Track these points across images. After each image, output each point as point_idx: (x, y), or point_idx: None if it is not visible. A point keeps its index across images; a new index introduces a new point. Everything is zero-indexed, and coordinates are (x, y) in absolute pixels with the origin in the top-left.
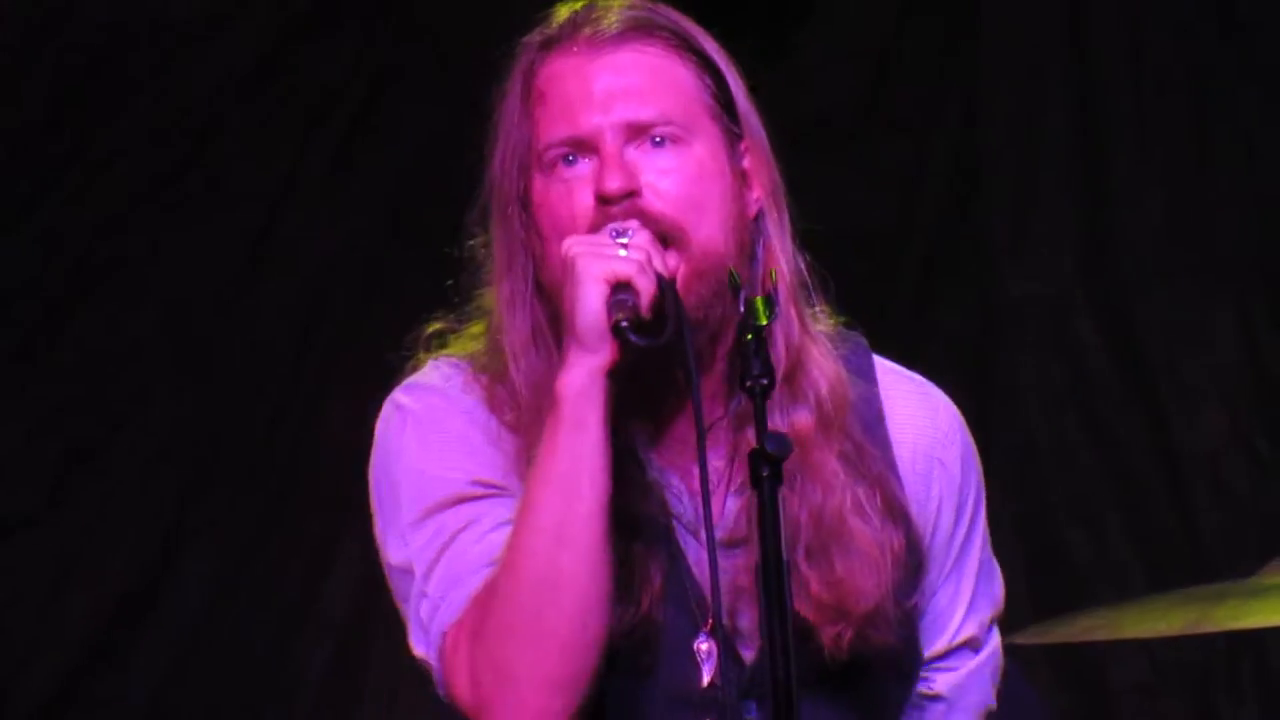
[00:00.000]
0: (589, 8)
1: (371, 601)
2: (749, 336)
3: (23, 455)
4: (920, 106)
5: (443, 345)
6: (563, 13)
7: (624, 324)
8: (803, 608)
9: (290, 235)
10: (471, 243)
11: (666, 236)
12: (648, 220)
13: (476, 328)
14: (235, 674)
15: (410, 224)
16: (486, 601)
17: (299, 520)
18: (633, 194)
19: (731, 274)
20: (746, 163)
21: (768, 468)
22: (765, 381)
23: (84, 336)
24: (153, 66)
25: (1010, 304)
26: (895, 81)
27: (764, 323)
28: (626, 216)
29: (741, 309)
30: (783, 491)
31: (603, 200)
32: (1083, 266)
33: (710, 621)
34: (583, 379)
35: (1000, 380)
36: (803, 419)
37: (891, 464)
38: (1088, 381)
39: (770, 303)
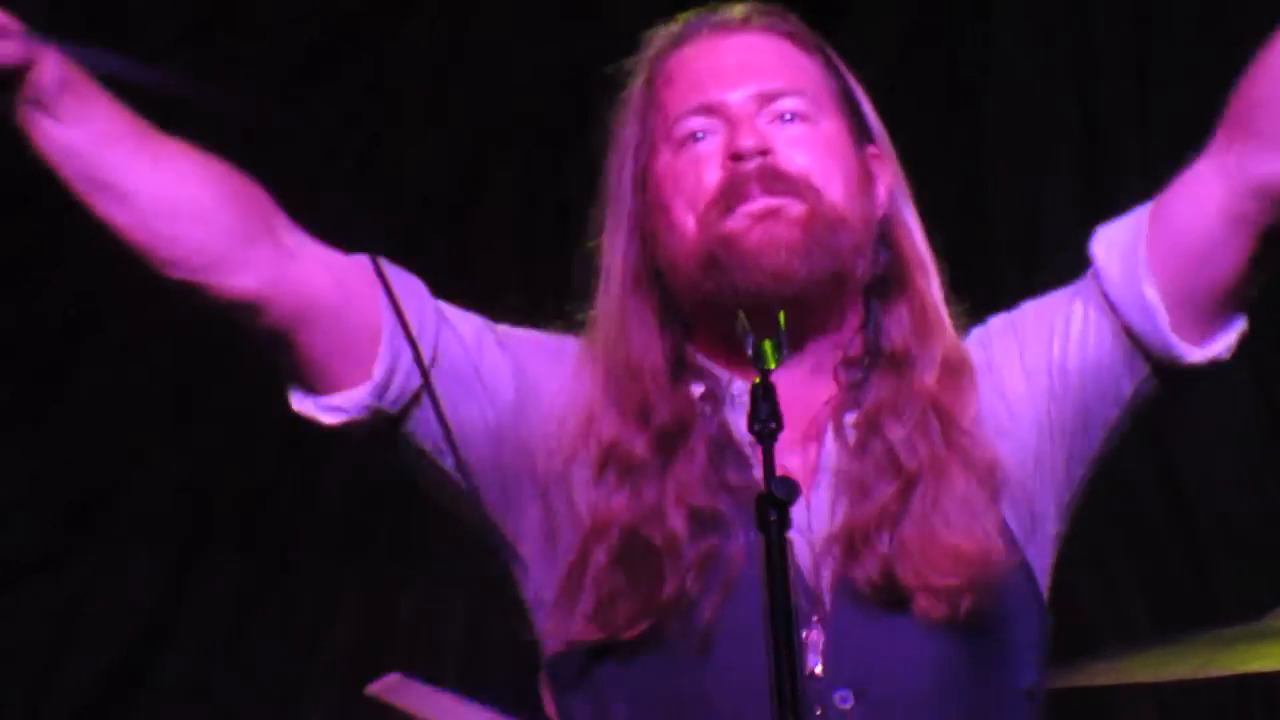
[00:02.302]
0: (713, 8)
1: (372, 660)
2: (757, 380)
3: (20, 515)
4: (923, 150)
5: None
6: (684, 16)
7: None
8: (905, 572)
9: None
10: (589, 245)
11: (798, 190)
12: (779, 178)
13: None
14: None
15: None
16: None
17: (299, 579)
18: (766, 152)
19: (740, 317)
20: (874, 165)
21: (775, 512)
22: (773, 425)
23: (79, 396)
24: None
25: None
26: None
27: (772, 366)
28: (760, 175)
29: (750, 352)
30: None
31: (735, 157)
32: None
33: (817, 616)
34: None
35: None
36: (929, 376)
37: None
38: None
39: (778, 346)
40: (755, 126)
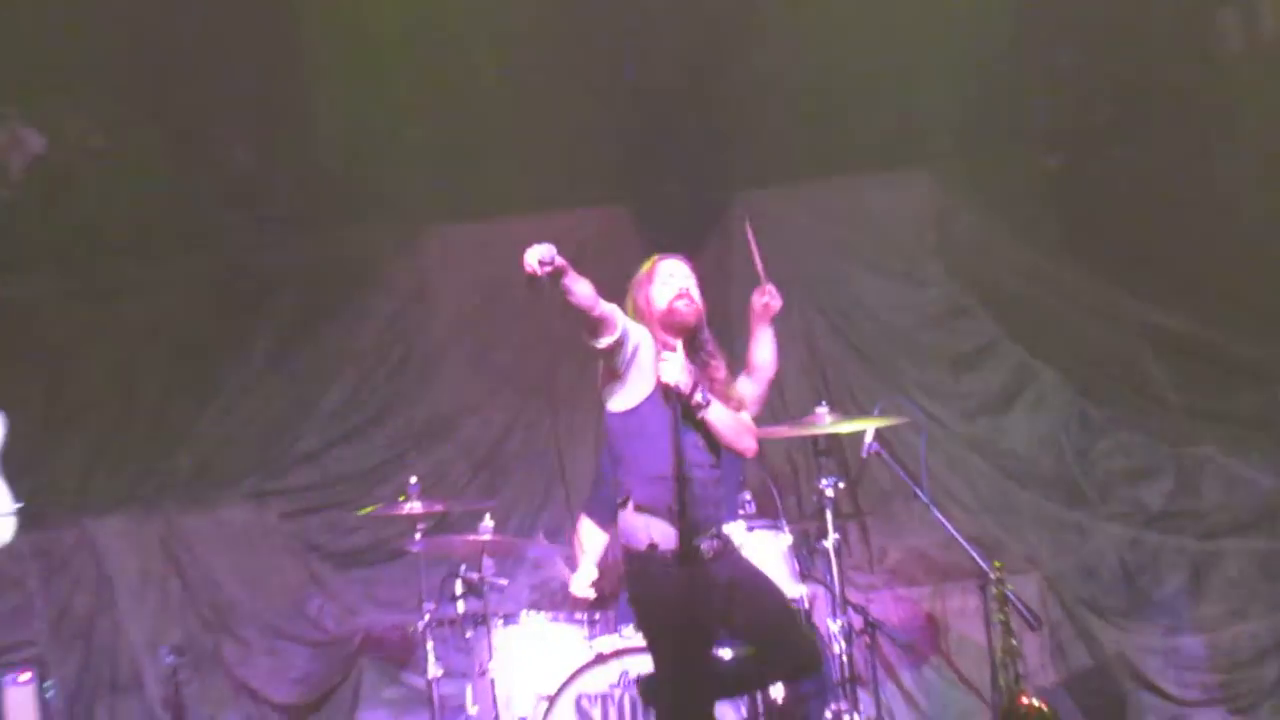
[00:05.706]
0: (666, 252)
1: None
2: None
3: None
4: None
5: None
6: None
7: None
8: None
9: None
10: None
11: (694, 299)
12: (691, 297)
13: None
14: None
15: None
16: None
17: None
18: (688, 290)
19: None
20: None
21: (679, 404)
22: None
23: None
24: None
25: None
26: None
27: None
28: (687, 294)
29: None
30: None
31: (682, 292)
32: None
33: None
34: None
35: None
36: (719, 369)
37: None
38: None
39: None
40: (686, 283)
